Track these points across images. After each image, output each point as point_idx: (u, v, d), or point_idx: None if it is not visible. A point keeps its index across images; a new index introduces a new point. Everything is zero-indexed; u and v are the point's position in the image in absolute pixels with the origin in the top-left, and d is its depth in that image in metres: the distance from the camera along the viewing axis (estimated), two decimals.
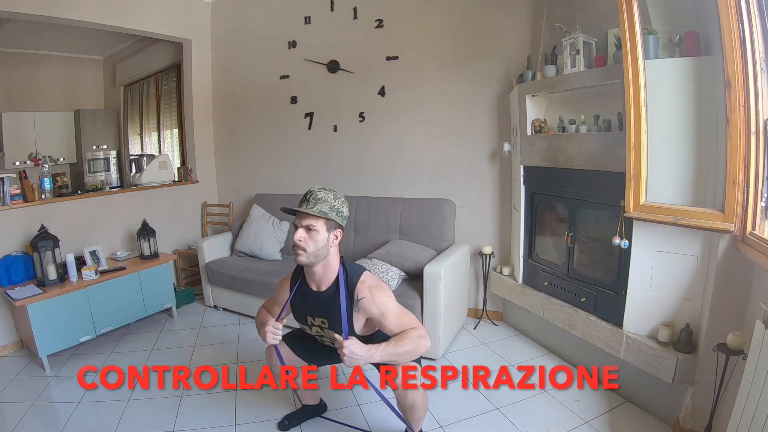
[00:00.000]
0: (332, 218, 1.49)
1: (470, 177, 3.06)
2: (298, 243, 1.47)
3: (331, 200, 1.49)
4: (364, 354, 1.41)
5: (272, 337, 1.56)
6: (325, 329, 1.63)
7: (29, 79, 4.90)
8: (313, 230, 1.47)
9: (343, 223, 1.54)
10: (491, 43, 2.87)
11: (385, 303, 1.52)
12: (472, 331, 2.93)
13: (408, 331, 1.50)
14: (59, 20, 3.08)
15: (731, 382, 1.50)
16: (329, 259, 1.54)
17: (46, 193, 2.98)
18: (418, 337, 1.49)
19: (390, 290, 1.59)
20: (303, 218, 1.48)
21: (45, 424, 2.07)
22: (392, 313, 1.52)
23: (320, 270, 1.55)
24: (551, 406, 2.08)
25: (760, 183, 1.51)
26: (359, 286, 1.54)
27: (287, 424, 1.98)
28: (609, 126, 2.14)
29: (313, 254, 1.48)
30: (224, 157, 4.18)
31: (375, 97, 3.29)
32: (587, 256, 2.38)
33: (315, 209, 1.46)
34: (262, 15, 3.73)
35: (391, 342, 1.47)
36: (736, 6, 1.44)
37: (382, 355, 1.43)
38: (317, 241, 1.47)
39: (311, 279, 1.61)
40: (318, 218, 1.47)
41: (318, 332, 1.68)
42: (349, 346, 1.40)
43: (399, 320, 1.52)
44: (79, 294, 2.69)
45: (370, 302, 1.51)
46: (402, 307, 1.57)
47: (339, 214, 1.51)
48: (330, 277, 1.57)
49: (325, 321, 1.60)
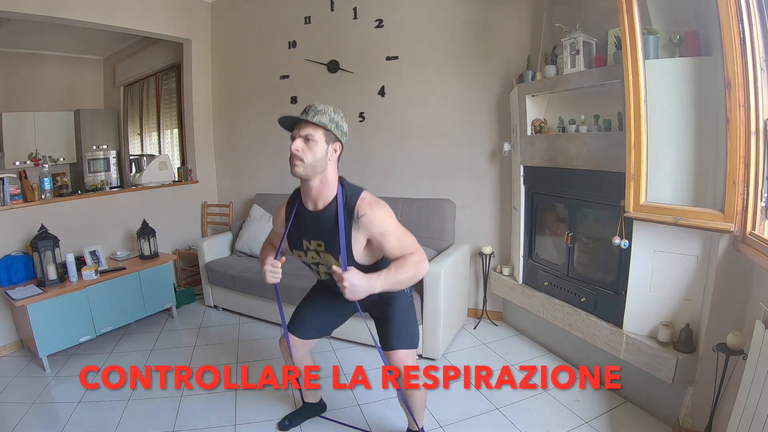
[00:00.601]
0: (331, 129, 1.44)
1: (470, 177, 3.06)
2: (296, 153, 1.41)
3: (331, 113, 1.46)
4: (365, 284, 1.34)
5: (272, 276, 1.53)
6: (321, 253, 1.52)
7: (29, 79, 4.90)
8: (311, 140, 1.41)
9: (343, 139, 1.49)
10: (491, 43, 2.87)
11: (387, 222, 1.45)
12: (472, 331, 2.93)
13: (407, 256, 1.43)
14: (59, 20, 3.08)
15: (731, 382, 1.51)
16: (327, 174, 1.47)
17: (46, 193, 2.98)
18: (418, 263, 1.43)
19: (390, 209, 1.49)
20: (301, 128, 1.43)
21: (45, 424, 2.07)
22: (393, 234, 1.45)
23: (317, 185, 1.47)
24: (551, 406, 2.09)
25: (760, 183, 1.51)
26: (359, 203, 1.46)
27: (287, 424, 1.98)
28: (609, 126, 2.14)
29: (310, 165, 1.41)
30: (224, 157, 4.18)
31: (375, 97, 3.29)
32: (587, 256, 2.38)
33: (315, 119, 1.42)
34: (262, 15, 3.73)
35: (391, 269, 1.40)
36: (736, 6, 1.44)
37: (383, 284, 1.37)
38: (315, 152, 1.41)
39: (308, 197, 1.52)
40: (317, 128, 1.42)
41: (313, 258, 1.56)
42: (349, 277, 1.33)
43: (400, 242, 1.45)
44: (79, 294, 2.69)
45: (371, 220, 1.43)
46: (403, 228, 1.49)
47: (338, 128, 1.47)
48: (328, 195, 1.49)
49: (321, 243, 1.51)
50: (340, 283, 1.34)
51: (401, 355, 1.60)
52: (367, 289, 1.35)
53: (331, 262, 1.50)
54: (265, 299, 3.03)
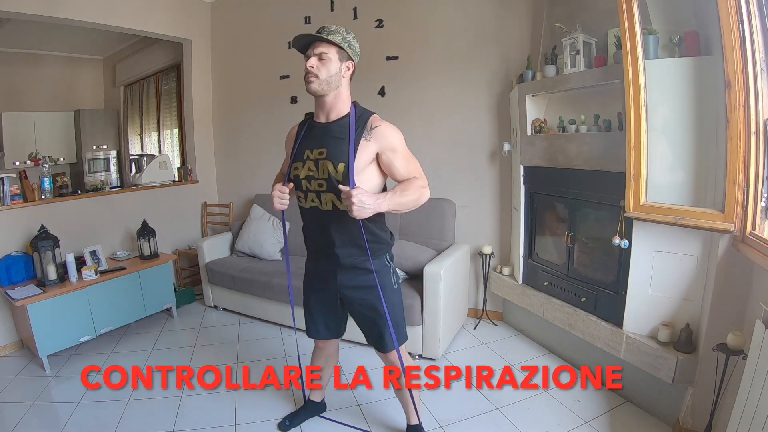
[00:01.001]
0: (344, 48, 1.48)
1: (470, 177, 3.06)
2: (311, 69, 1.46)
3: (344, 33, 1.50)
4: (372, 202, 1.36)
5: (279, 201, 1.55)
6: (320, 161, 1.50)
7: (29, 79, 4.89)
8: (325, 58, 1.46)
9: (355, 58, 1.53)
10: (491, 43, 2.87)
11: (398, 139, 1.50)
12: (472, 331, 2.93)
13: (412, 180, 1.50)
14: (59, 20, 3.08)
15: (731, 382, 1.51)
16: (341, 90, 1.52)
17: (46, 193, 2.98)
18: (421, 187, 1.49)
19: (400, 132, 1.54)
20: (315, 46, 1.48)
21: (45, 424, 2.07)
22: (402, 153, 1.51)
23: (331, 99, 1.52)
24: (551, 406, 2.09)
25: (760, 183, 1.51)
26: (373, 118, 1.53)
27: (287, 424, 1.98)
28: (609, 126, 2.14)
29: (325, 81, 1.47)
30: (224, 157, 4.18)
31: (375, 97, 3.28)
32: (587, 256, 2.38)
33: (329, 37, 1.46)
34: (262, 15, 3.73)
35: (397, 190, 1.45)
36: (736, 6, 1.44)
37: (388, 204, 1.41)
38: (329, 69, 1.46)
39: (321, 111, 1.55)
40: (331, 46, 1.46)
41: (309, 170, 1.52)
42: (357, 194, 1.33)
43: (407, 163, 1.52)
44: (79, 294, 2.69)
45: (384, 133, 1.49)
46: (409, 151, 1.55)
47: (351, 47, 1.50)
48: (341, 109, 1.53)
49: (323, 151, 1.50)
50: (348, 200, 1.35)
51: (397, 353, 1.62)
52: (374, 207, 1.37)
53: (329, 169, 1.48)
54: (265, 299, 3.03)
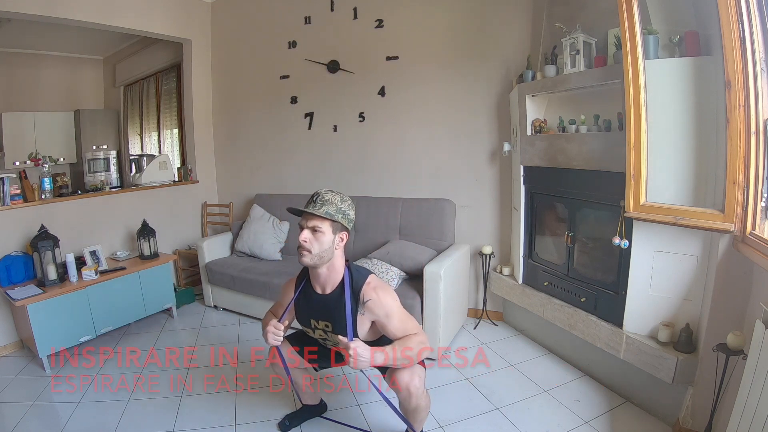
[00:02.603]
0: (338, 220, 1.49)
1: (470, 177, 3.06)
2: (303, 244, 1.48)
3: (338, 202, 1.50)
4: (369, 356, 1.42)
5: (273, 337, 1.58)
6: (328, 333, 1.63)
7: (29, 79, 4.90)
8: (318, 231, 1.48)
9: (349, 226, 1.55)
10: (491, 43, 2.87)
11: (391, 305, 1.54)
12: (472, 331, 2.93)
13: (411, 336, 1.53)
14: (59, 20, 3.08)
15: (731, 382, 1.51)
16: (334, 261, 1.55)
17: (46, 193, 2.98)
18: (420, 343, 1.52)
19: (395, 293, 1.60)
20: (309, 219, 1.49)
21: (45, 424, 2.06)
22: (396, 316, 1.54)
23: (325, 272, 1.56)
24: (551, 406, 2.09)
25: (760, 183, 1.51)
26: (365, 288, 1.54)
27: (287, 424, 1.98)
28: (609, 126, 2.14)
29: (317, 256, 1.49)
30: (224, 157, 4.18)
31: (375, 97, 3.29)
32: (587, 256, 2.38)
33: (321, 210, 1.47)
34: (262, 15, 3.73)
35: (396, 345, 1.48)
36: (736, 6, 1.44)
37: (386, 358, 1.45)
38: (322, 243, 1.48)
39: (316, 281, 1.61)
40: (324, 220, 1.48)
41: (321, 336, 1.68)
42: (355, 347, 1.40)
43: (403, 324, 1.55)
44: (79, 294, 2.69)
45: (376, 304, 1.52)
46: (405, 311, 1.59)
47: (345, 217, 1.51)
48: (335, 280, 1.58)
49: (329, 324, 1.60)
50: (346, 352, 1.41)
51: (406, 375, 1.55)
52: (370, 360, 1.43)
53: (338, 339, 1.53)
54: (265, 299, 3.02)
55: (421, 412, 1.66)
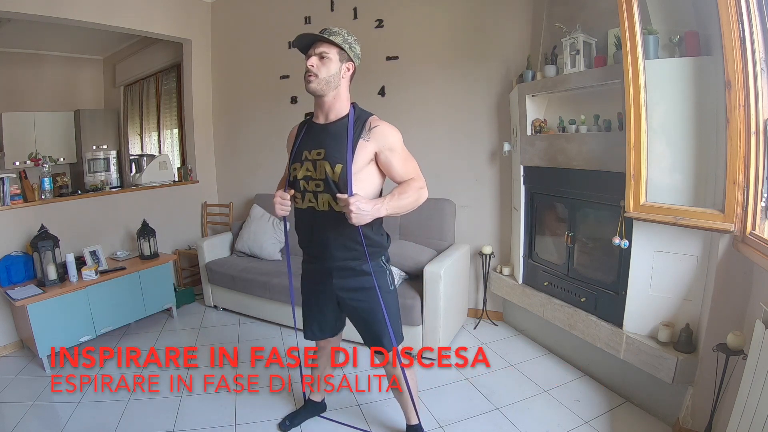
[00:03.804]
0: (345, 49, 1.49)
1: (470, 177, 3.06)
2: (310, 68, 1.47)
3: (345, 34, 1.51)
4: (371, 209, 1.37)
5: (280, 208, 1.55)
6: (318, 162, 1.50)
7: (29, 79, 4.89)
8: (325, 57, 1.47)
9: (356, 60, 1.54)
10: (491, 43, 2.87)
11: (396, 139, 1.51)
12: (472, 331, 2.93)
13: (409, 182, 1.51)
14: (59, 20, 3.08)
15: (731, 382, 1.51)
16: (340, 90, 1.52)
17: (46, 193, 2.98)
18: (419, 188, 1.51)
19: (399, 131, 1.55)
20: (317, 46, 1.49)
21: (45, 424, 2.06)
22: (400, 153, 1.52)
23: (330, 100, 1.52)
24: (551, 406, 2.09)
25: (760, 183, 1.51)
26: (372, 118, 1.53)
27: (287, 424, 1.98)
28: (609, 126, 2.14)
29: (324, 80, 1.48)
30: (224, 157, 4.18)
31: (375, 97, 3.28)
32: (587, 256, 2.38)
33: (330, 37, 1.48)
34: (262, 15, 3.73)
35: (395, 194, 1.46)
36: (736, 6, 1.44)
37: (387, 208, 1.42)
38: (329, 68, 1.48)
39: (320, 111, 1.57)
40: (332, 46, 1.48)
41: (307, 171, 1.52)
42: (355, 202, 1.35)
43: (405, 163, 1.53)
44: (79, 294, 2.69)
45: (383, 133, 1.49)
46: (407, 151, 1.56)
47: (351, 48, 1.52)
48: (340, 110, 1.54)
49: (321, 151, 1.50)
50: (346, 207, 1.36)
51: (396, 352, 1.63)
52: (372, 212, 1.38)
53: (326, 169, 1.48)
54: (265, 299, 3.03)
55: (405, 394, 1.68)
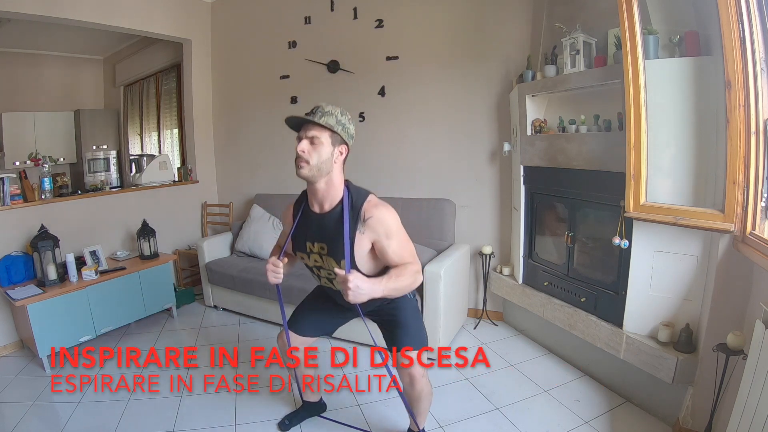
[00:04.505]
0: (338, 132, 1.43)
1: (470, 177, 3.06)
2: (301, 154, 1.41)
3: (338, 114, 1.44)
4: (368, 287, 1.36)
5: (272, 275, 1.55)
6: (323, 256, 1.54)
7: (29, 79, 4.89)
8: (317, 142, 1.41)
9: (349, 141, 1.49)
10: (491, 43, 2.87)
11: (392, 224, 1.47)
12: (472, 331, 2.93)
13: (406, 265, 1.47)
14: (59, 20, 3.08)
15: (731, 382, 1.51)
16: (333, 176, 1.46)
17: (46, 193, 2.98)
18: (415, 273, 1.48)
19: (396, 213, 1.50)
20: (308, 129, 1.43)
21: (45, 424, 2.07)
22: (396, 239, 1.48)
23: (323, 187, 1.47)
24: (551, 406, 2.09)
25: (760, 183, 1.51)
26: (366, 205, 1.47)
27: (287, 424, 1.98)
28: (609, 126, 2.14)
29: (315, 167, 1.42)
30: (224, 157, 4.18)
31: (375, 97, 3.28)
32: (587, 256, 2.38)
33: (321, 120, 1.41)
34: (262, 15, 3.73)
35: (391, 276, 1.43)
36: (736, 6, 1.44)
37: (383, 289, 1.40)
38: (321, 154, 1.41)
39: (314, 198, 1.52)
40: (323, 130, 1.41)
41: (316, 262, 1.58)
42: (353, 279, 1.33)
43: (401, 249, 1.49)
44: (79, 294, 2.69)
45: (378, 221, 1.45)
46: (405, 234, 1.52)
47: (345, 130, 1.46)
48: (334, 197, 1.49)
49: (324, 246, 1.52)
50: (344, 284, 1.34)
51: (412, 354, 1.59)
52: (369, 292, 1.36)
53: (333, 265, 1.51)
54: (265, 299, 3.03)
55: (424, 401, 1.66)
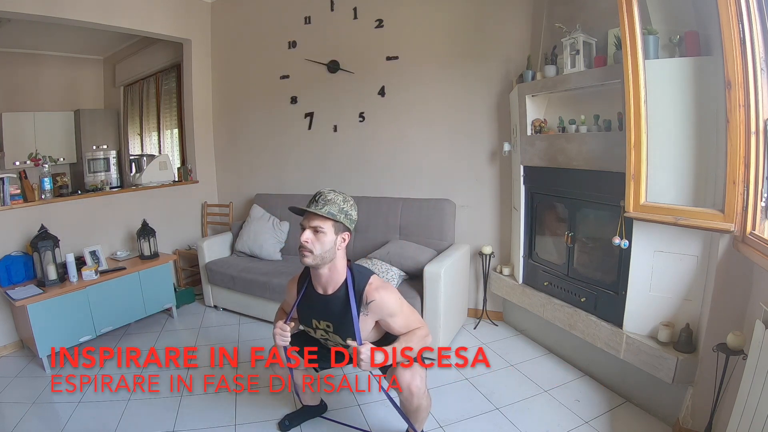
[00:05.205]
0: (340, 220, 1.48)
1: (470, 177, 3.06)
2: (305, 245, 1.47)
3: (341, 202, 1.49)
4: (380, 358, 1.44)
5: (280, 339, 1.60)
6: (330, 333, 1.63)
7: (29, 79, 4.89)
8: (320, 232, 1.46)
9: (351, 227, 1.54)
10: (491, 43, 2.87)
11: (394, 305, 1.55)
12: (472, 331, 2.93)
13: (414, 331, 1.56)
14: (59, 20, 3.08)
15: (731, 382, 1.51)
16: (336, 261, 1.54)
17: (46, 193, 2.98)
18: (424, 337, 1.56)
19: (397, 291, 1.60)
20: (311, 219, 1.47)
21: (45, 424, 2.07)
22: (400, 314, 1.56)
23: (326, 272, 1.55)
24: (551, 406, 2.09)
25: (760, 183, 1.51)
26: (368, 289, 1.55)
27: (287, 424, 1.98)
28: (609, 126, 2.14)
29: (319, 256, 1.48)
30: (224, 157, 4.18)
31: (375, 97, 3.28)
32: (587, 256, 2.38)
33: (323, 210, 1.45)
34: (262, 15, 3.73)
35: (397, 344, 1.50)
36: (736, 6, 1.44)
37: (386, 358, 1.46)
38: (324, 243, 1.47)
39: (317, 282, 1.60)
40: (326, 220, 1.46)
41: (323, 336, 1.68)
42: (366, 351, 1.42)
43: (407, 321, 1.58)
44: (79, 294, 2.69)
45: (380, 305, 1.53)
46: (409, 307, 1.61)
47: (347, 217, 1.50)
48: (336, 281, 1.57)
49: (330, 325, 1.61)
50: (356, 356, 1.42)
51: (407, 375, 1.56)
52: (380, 361, 1.44)
53: (339, 341, 1.58)
54: (265, 299, 3.03)
55: (423, 412, 1.67)
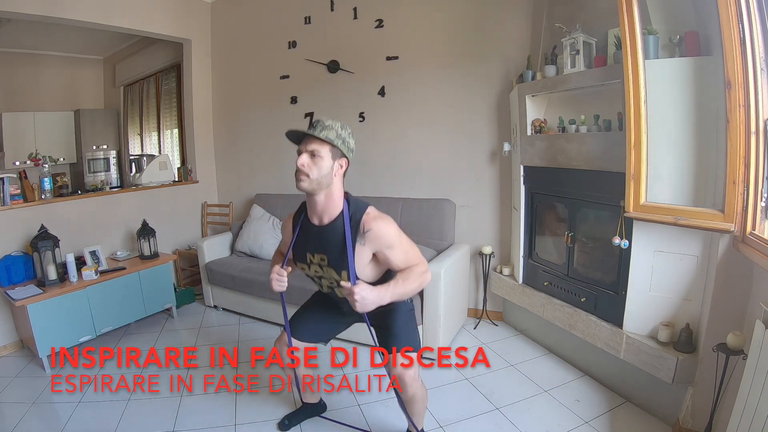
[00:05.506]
0: (338, 146, 1.44)
1: (470, 177, 3.06)
2: (301, 168, 1.42)
3: (338, 128, 1.46)
4: (375, 296, 1.39)
5: (277, 284, 1.58)
6: (324, 267, 1.55)
7: (29, 79, 4.89)
8: (317, 156, 1.42)
9: (349, 155, 1.50)
10: (491, 43, 2.87)
11: (392, 236, 1.48)
12: (472, 331, 2.93)
13: (412, 268, 1.50)
14: (59, 20, 3.08)
15: (731, 382, 1.51)
16: (332, 189, 1.48)
17: (46, 193, 2.98)
18: (422, 273, 1.51)
19: (395, 223, 1.52)
20: (308, 143, 1.44)
21: (45, 424, 2.07)
22: (398, 247, 1.49)
23: (322, 200, 1.48)
24: (551, 406, 2.09)
25: (760, 183, 1.51)
26: (365, 218, 1.48)
27: (287, 424, 1.98)
28: (609, 126, 2.14)
29: (315, 181, 1.43)
30: (224, 157, 4.18)
31: (375, 97, 3.28)
32: (587, 256, 2.38)
33: (321, 134, 1.42)
34: (262, 15, 3.74)
35: (398, 281, 1.45)
36: (736, 6, 1.44)
37: (391, 295, 1.42)
38: (321, 168, 1.42)
39: (313, 211, 1.53)
40: (323, 144, 1.42)
41: (317, 272, 1.59)
42: (359, 291, 1.37)
43: (405, 255, 1.51)
44: (79, 294, 2.69)
45: (378, 235, 1.46)
46: (408, 241, 1.54)
47: (345, 144, 1.47)
48: (333, 210, 1.50)
49: (324, 257, 1.53)
50: (351, 296, 1.38)
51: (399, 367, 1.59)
52: (376, 300, 1.40)
53: (334, 276, 1.53)
54: (265, 299, 3.03)
55: (418, 403, 1.67)
